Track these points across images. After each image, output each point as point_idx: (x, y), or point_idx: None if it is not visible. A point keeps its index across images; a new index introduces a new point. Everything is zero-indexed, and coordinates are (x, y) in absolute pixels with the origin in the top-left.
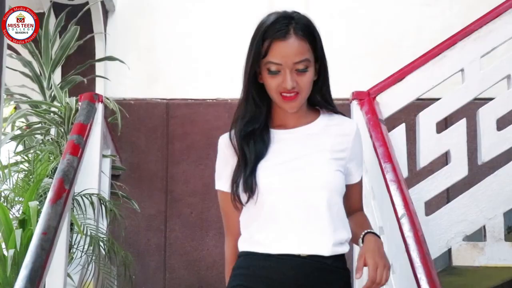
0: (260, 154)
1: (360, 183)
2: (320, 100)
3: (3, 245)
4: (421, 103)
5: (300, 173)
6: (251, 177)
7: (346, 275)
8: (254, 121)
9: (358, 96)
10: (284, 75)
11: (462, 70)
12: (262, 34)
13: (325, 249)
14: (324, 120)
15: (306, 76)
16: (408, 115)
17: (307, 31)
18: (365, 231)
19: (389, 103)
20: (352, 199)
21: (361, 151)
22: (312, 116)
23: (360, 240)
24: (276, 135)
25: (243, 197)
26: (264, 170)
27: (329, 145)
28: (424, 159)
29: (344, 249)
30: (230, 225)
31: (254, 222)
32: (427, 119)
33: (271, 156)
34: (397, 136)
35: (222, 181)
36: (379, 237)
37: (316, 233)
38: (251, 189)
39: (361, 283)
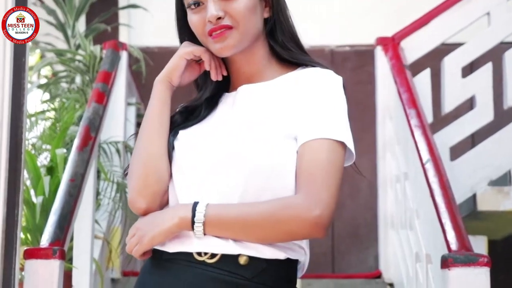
0: (188, 120)
1: (310, 148)
2: (280, 49)
3: (32, 192)
4: (446, 48)
5: (218, 147)
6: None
7: None
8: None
9: (382, 42)
10: (206, 4)
11: (488, 13)
12: None
13: (238, 244)
14: (291, 77)
15: (239, 2)
16: (433, 60)
17: None
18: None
19: (414, 48)
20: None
21: (323, 104)
22: (278, 74)
23: None
24: (224, 98)
25: None
26: (182, 137)
27: (279, 108)
28: (449, 104)
29: (284, 252)
30: None
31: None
32: (452, 64)
33: (201, 124)
34: (422, 82)
35: None
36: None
37: None
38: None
39: None
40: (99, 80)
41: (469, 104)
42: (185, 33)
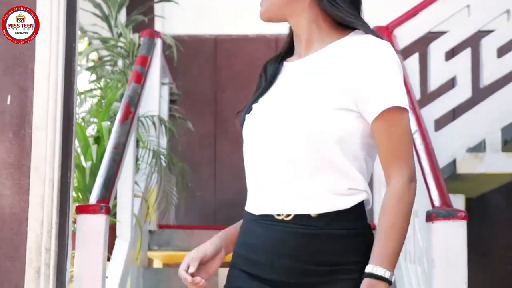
0: (259, 90)
1: (385, 121)
2: (334, 11)
3: (82, 158)
4: (432, 36)
5: (279, 115)
6: (242, 115)
7: (356, 242)
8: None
9: (378, 30)
10: None
11: (468, 6)
12: None
13: (307, 204)
14: (342, 44)
15: None
16: (421, 46)
17: None
18: (369, 269)
19: (405, 36)
20: (378, 150)
21: (384, 75)
22: (331, 40)
23: None
24: (284, 68)
25: None
26: (252, 111)
27: (335, 77)
28: (434, 83)
29: (348, 201)
30: None
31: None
32: (437, 49)
33: (267, 94)
34: (411, 64)
35: None
36: (386, 280)
37: (292, 183)
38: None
39: None
40: (138, 63)
41: (451, 84)
42: None
